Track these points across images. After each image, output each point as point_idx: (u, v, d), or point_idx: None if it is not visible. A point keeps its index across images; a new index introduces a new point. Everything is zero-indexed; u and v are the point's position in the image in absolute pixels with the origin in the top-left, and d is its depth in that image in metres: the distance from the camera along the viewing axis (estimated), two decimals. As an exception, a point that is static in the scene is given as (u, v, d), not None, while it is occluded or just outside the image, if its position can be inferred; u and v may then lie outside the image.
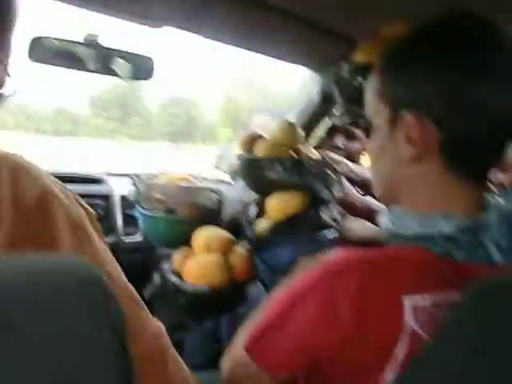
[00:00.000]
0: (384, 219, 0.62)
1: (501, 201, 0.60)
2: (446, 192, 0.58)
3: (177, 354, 0.50)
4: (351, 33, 1.12)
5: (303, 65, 1.50)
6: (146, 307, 0.48)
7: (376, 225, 0.87)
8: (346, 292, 0.51)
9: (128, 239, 1.40)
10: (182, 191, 0.96)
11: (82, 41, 1.08)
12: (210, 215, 0.97)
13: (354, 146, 1.45)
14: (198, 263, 0.85)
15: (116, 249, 1.31)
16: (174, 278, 0.85)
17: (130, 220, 1.36)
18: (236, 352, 0.61)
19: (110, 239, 1.35)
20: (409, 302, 0.50)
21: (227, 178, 1.48)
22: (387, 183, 0.64)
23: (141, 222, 1.11)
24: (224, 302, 0.84)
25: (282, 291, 0.59)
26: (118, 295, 0.36)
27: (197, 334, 1.17)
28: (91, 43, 1.15)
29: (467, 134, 0.55)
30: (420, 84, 0.56)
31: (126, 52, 1.22)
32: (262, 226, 0.90)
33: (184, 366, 0.51)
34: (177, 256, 0.91)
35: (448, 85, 0.54)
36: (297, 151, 0.94)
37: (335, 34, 1.15)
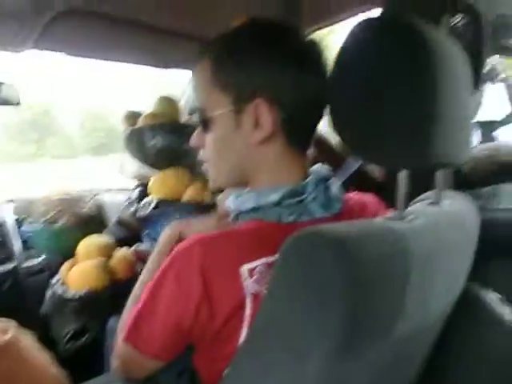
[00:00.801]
0: (228, 201, 0.69)
1: (315, 167, 0.69)
2: (281, 167, 0.65)
3: (29, 347, 0.53)
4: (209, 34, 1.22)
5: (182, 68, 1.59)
6: None
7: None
8: (190, 269, 0.58)
9: (29, 263, 1.35)
10: (60, 202, 1.01)
11: None
12: (91, 220, 1.03)
13: None
14: (77, 270, 0.92)
15: (16, 274, 1.29)
16: (59, 289, 0.91)
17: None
18: (119, 346, 0.66)
19: (9, 266, 1.30)
20: (245, 269, 0.57)
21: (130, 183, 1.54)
22: (233, 170, 0.67)
23: (31, 240, 1.15)
24: (108, 301, 0.92)
25: (151, 280, 0.64)
26: None
27: (113, 336, 1.22)
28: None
29: (301, 113, 0.63)
30: (265, 71, 0.61)
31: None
32: (143, 204, 1.00)
33: (41, 356, 0.54)
34: (63, 267, 0.97)
35: (287, 72, 0.61)
36: (176, 121, 1.01)
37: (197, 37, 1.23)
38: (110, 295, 0.91)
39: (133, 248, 1.02)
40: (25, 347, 0.51)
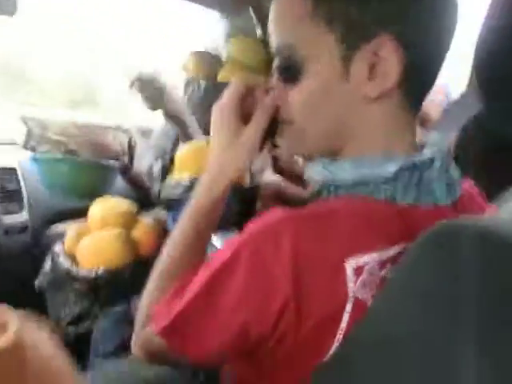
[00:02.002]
0: (316, 168, 0.52)
1: (435, 136, 0.54)
2: (391, 131, 0.50)
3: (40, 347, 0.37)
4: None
5: (215, 9, 1.38)
6: None
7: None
8: (277, 258, 0.42)
9: (9, 218, 1.18)
10: (84, 130, 0.79)
11: None
12: (117, 157, 0.82)
13: None
14: (92, 242, 0.72)
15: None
16: (65, 263, 0.71)
17: (13, 196, 1.18)
18: (147, 337, 0.53)
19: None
20: (351, 266, 0.43)
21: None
22: (328, 134, 0.52)
23: (40, 172, 0.91)
24: (129, 282, 0.73)
25: (204, 264, 0.49)
26: None
27: (106, 318, 1.06)
28: None
29: (428, 61, 0.48)
30: (385, 4, 0.45)
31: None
32: (173, 183, 0.77)
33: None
34: (70, 234, 0.77)
35: (412, 7, 0.45)
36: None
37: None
38: (131, 275, 0.72)
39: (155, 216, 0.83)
40: (33, 348, 0.34)
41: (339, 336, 0.43)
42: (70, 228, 0.78)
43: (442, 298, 0.37)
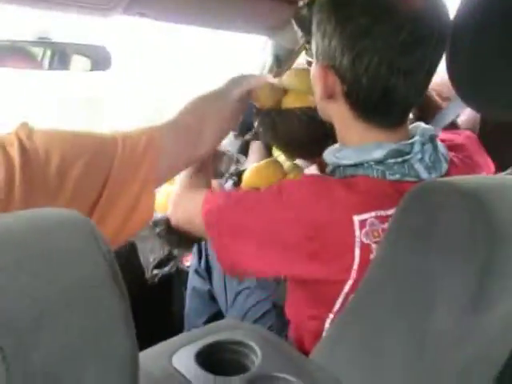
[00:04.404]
0: (328, 154, 0.70)
1: (424, 124, 0.68)
2: (362, 130, 0.66)
3: None
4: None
5: (256, 33, 1.55)
6: None
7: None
8: (307, 199, 0.62)
9: None
10: None
11: (33, 39, 1.17)
12: None
13: None
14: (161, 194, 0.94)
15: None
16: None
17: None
18: (192, 209, 0.73)
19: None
20: (357, 220, 0.59)
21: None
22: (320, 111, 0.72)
23: None
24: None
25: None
26: None
27: (195, 298, 1.24)
28: (45, 40, 1.24)
29: (366, 88, 0.61)
30: (326, 39, 0.62)
31: (81, 45, 1.31)
32: None
33: None
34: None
35: (345, 41, 0.60)
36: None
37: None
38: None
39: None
40: None
41: (353, 275, 0.59)
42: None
43: (428, 236, 0.45)
